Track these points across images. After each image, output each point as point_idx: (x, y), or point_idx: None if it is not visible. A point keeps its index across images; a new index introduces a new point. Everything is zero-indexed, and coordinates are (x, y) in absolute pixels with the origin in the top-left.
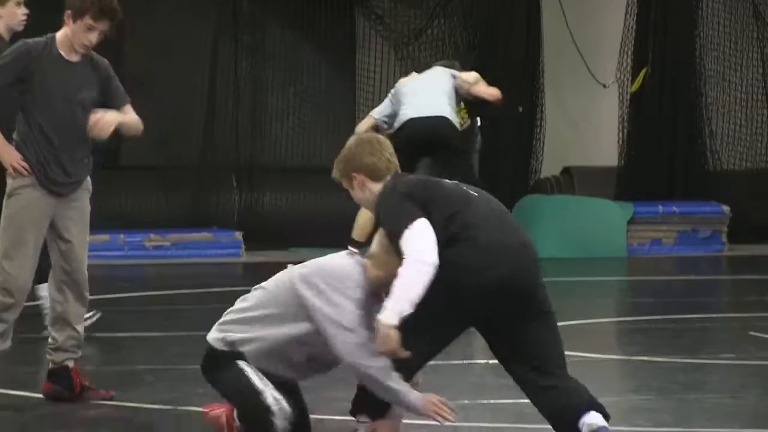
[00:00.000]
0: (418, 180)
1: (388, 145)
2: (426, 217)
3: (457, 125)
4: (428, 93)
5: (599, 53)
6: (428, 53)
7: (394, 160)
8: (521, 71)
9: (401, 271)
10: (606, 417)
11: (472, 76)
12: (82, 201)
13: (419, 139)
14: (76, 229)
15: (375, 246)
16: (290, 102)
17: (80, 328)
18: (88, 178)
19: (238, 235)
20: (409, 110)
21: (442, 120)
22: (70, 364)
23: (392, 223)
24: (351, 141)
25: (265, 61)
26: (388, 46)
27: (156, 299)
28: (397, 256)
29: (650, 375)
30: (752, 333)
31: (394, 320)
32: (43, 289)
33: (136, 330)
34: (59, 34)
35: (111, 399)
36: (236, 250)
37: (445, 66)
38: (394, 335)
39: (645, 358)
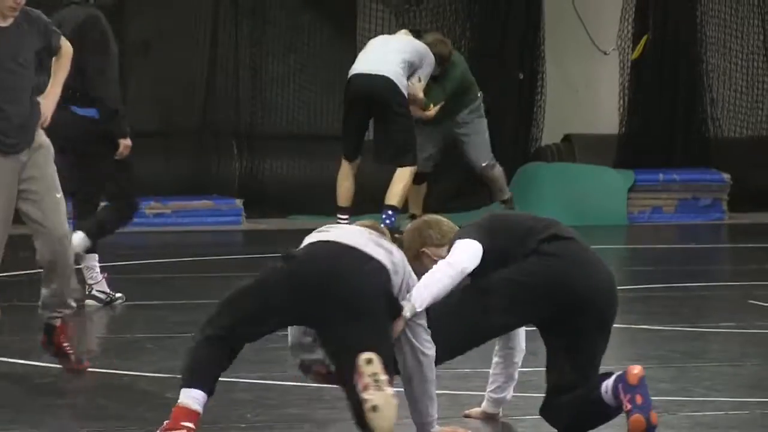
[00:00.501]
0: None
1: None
2: (488, 242)
3: (404, 89)
4: (379, 51)
5: (600, 20)
6: (428, 19)
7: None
8: (522, 38)
9: (432, 269)
10: None
11: (418, 86)
12: (43, 160)
13: (356, 94)
14: (42, 186)
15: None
16: (290, 68)
17: (65, 287)
18: (47, 139)
19: (239, 202)
20: (356, 66)
21: (383, 79)
22: (57, 322)
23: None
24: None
25: (265, 25)
26: (389, 12)
27: (156, 267)
28: None
29: (650, 343)
30: (752, 301)
31: (407, 312)
32: (90, 259)
33: (136, 298)
34: None
35: (82, 370)
36: (237, 218)
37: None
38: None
39: (645, 326)
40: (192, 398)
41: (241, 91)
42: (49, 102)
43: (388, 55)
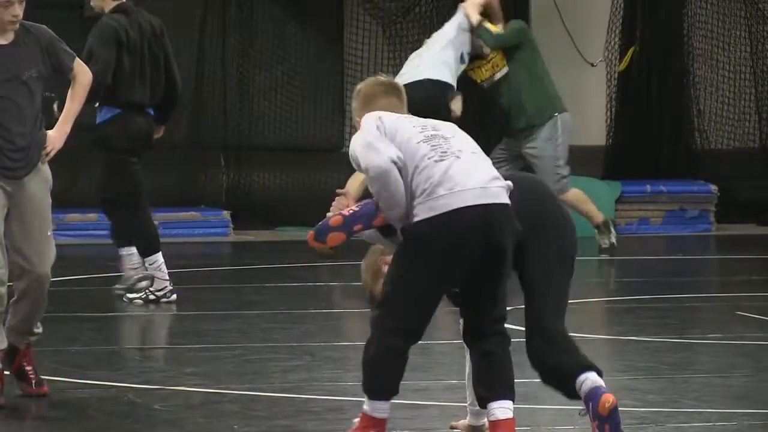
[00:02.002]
0: None
1: None
2: None
3: (450, 81)
4: (413, 60)
5: (587, 32)
6: (416, 31)
7: None
8: None
9: None
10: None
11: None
12: (40, 192)
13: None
14: (33, 217)
15: None
16: (278, 79)
17: (34, 316)
18: (48, 170)
19: (226, 214)
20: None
21: (415, 85)
22: (22, 346)
23: None
24: None
25: (252, 37)
26: (376, 23)
27: None
28: None
29: (638, 355)
30: (739, 313)
31: None
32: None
33: (124, 309)
34: None
35: (42, 394)
36: (224, 230)
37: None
38: None
39: (633, 338)
40: (381, 410)
41: (228, 102)
42: (56, 133)
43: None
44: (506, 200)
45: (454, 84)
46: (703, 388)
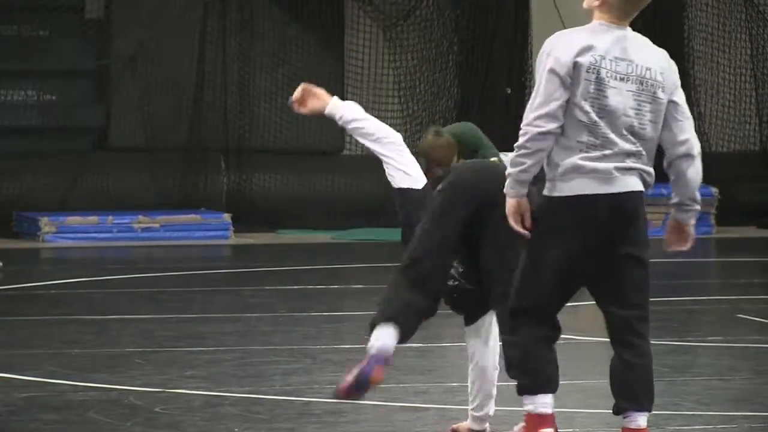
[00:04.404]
0: None
1: None
2: None
3: None
4: None
5: None
6: (416, 34)
7: None
8: (510, 52)
9: None
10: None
11: None
12: None
13: None
14: None
15: None
16: (278, 82)
17: None
18: None
19: (227, 217)
20: None
21: None
22: None
23: None
24: None
25: (253, 40)
26: (377, 26)
27: (144, 281)
28: None
29: None
30: (740, 315)
31: None
32: None
33: (124, 312)
34: None
35: None
36: (225, 232)
37: None
38: None
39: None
40: (544, 404)
41: (229, 105)
42: None
43: None
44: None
45: None
46: (704, 390)
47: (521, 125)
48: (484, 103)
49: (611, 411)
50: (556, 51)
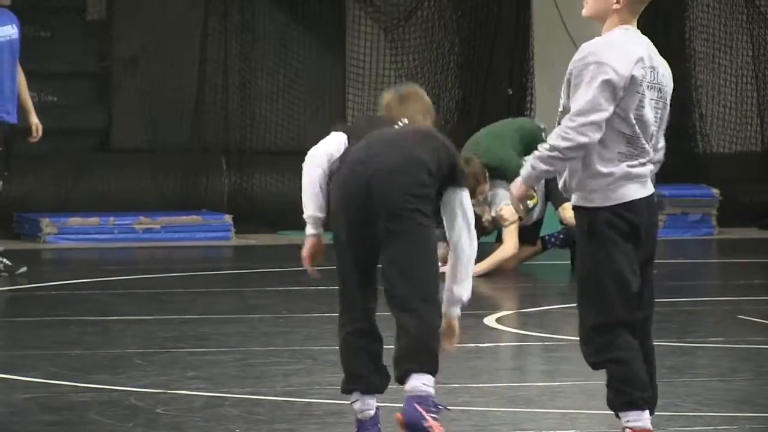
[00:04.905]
0: None
1: None
2: None
3: None
4: None
5: (590, 36)
6: (418, 35)
7: None
8: (511, 53)
9: None
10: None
11: None
12: None
13: None
14: None
15: None
16: (279, 83)
17: None
18: None
19: (228, 218)
20: None
21: None
22: None
23: None
24: None
25: (254, 41)
26: (378, 27)
27: (146, 282)
28: None
29: None
30: (741, 316)
31: None
32: None
33: (125, 313)
34: None
35: None
36: (226, 234)
37: None
38: None
39: None
40: (647, 419)
41: (230, 106)
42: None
43: None
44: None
45: None
46: (704, 391)
47: (563, 128)
48: (486, 104)
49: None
50: (612, 62)
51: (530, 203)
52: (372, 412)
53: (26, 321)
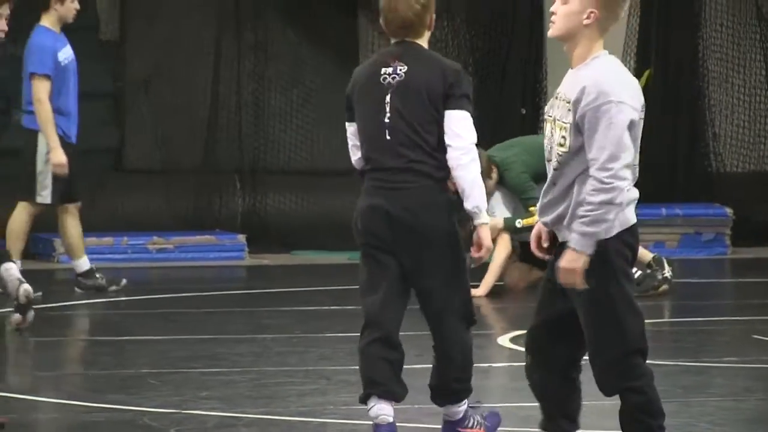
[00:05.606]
0: None
1: None
2: None
3: None
4: None
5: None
6: None
7: None
8: (524, 73)
9: None
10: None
11: None
12: None
13: None
14: None
15: None
16: (293, 103)
17: None
18: None
19: (242, 238)
20: None
21: None
22: None
23: None
24: None
25: (267, 61)
26: None
27: (159, 302)
28: None
29: None
30: (756, 336)
31: None
32: None
33: (139, 333)
34: None
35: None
36: (240, 253)
37: None
38: None
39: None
40: None
41: (243, 126)
42: None
43: None
44: None
45: None
46: (718, 411)
47: (599, 180)
48: (499, 124)
49: None
50: (627, 99)
51: (520, 223)
52: (390, 419)
53: (40, 341)
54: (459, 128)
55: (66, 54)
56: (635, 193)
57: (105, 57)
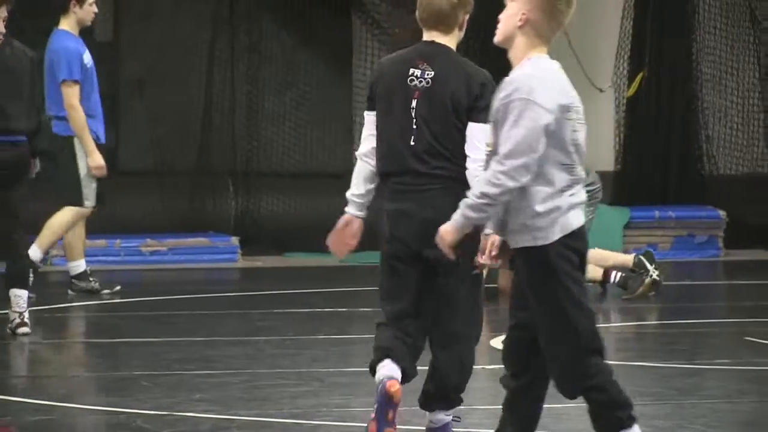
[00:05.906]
0: None
1: None
2: None
3: None
4: None
5: (596, 57)
6: None
7: None
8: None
9: None
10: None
11: None
12: None
13: None
14: None
15: None
16: (287, 105)
17: None
18: None
19: (235, 240)
20: None
21: None
22: None
23: None
24: None
25: (261, 63)
26: (385, 50)
27: (152, 304)
28: None
29: (646, 380)
30: (748, 338)
31: None
32: None
33: (132, 335)
34: None
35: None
36: (232, 256)
37: None
38: None
39: (640, 363)
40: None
41: (237, 128)
42: None
43: None
44: None
45: None
46: (711, 413)
47: (492, 173)
48: None
49: None
50: (538, 97)
51: None
52: (399, 376)
53: (33, 343)
54: (480, 141)
55: (88, 57)
56: (580, 197)
57: (99, 59)
